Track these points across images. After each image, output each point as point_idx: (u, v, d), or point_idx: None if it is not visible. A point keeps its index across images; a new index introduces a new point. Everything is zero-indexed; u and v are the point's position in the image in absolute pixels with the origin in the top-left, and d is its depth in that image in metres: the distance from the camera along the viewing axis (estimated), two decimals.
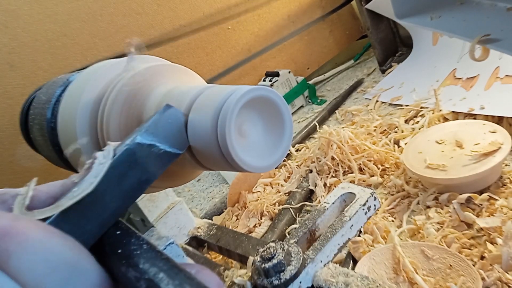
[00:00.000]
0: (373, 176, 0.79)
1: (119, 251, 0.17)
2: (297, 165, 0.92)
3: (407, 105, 0.96)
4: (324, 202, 0.55)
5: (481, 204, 0.60)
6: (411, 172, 0.69)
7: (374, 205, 0.53)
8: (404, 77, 1.10)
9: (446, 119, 0.84)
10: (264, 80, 1.25)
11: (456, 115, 0.83)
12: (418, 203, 0.68)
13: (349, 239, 0.50)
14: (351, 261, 0.60)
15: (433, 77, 1.00)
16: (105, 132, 0.32)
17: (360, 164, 0.81)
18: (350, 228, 0.50)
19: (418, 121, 0.89)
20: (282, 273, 0.39)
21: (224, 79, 1.19)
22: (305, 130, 1.06)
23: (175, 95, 0.31)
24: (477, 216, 0.59)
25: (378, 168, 0.79)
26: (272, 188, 0.90)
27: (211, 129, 0.25)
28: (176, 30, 1.07)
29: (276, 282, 0.39)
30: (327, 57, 1.43)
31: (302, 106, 1.28)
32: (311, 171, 0.86)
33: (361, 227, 0.53)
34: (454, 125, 0.73)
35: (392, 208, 0.70)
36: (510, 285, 0.48)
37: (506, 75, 0.79)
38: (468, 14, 0.56)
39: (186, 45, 1.11)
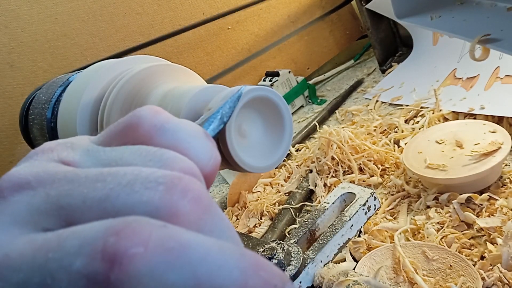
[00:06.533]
0: (373, 176, 0.79)
1: None
2: (297, 165, 0.92)
3: (407, 105, 0.96)
4: (324, 202, 0.55)
5: (481, 204, 0.60)
6: (411, 172, 0.69)
7: (374, 205, 0.53)
8: (404, 77, 1.10)
9: (446, 119, 0.84)
10: (264, 80, 1.25)
11: (456, 115, 0.83)
12: (418, 203, 0.68)
13: (349, 239, 0.50)
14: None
15: (433, 77, 1.00)
16: None
17: (360, 164, 0.81)
18: (350, 228, 0.50)
19: (418, 121, 0.88)
20: None
21: (224, 79, 1.19)
22: (305, 130, 1.06)
23: (175, 95, 0.31)
24: (477, 216, 0.59)
25: (378, 168, 0.79)
26: (272, 188, 0.89)
27: None
28: (176, 30, 1.07)
29: None
30: (327, 57, 1.43)
31: (302, 106, 1.28)
32: (311, 171, 0.86)
33: (361, 227, 0.53)
34: (454, 125, 0.73)
35: (392, 208, 0.70)
36: (510, 285, 0.48)
37: (506, 75, 0.79)
38: (468, 14, 0.56)
39: (186, 45, 1.10)
